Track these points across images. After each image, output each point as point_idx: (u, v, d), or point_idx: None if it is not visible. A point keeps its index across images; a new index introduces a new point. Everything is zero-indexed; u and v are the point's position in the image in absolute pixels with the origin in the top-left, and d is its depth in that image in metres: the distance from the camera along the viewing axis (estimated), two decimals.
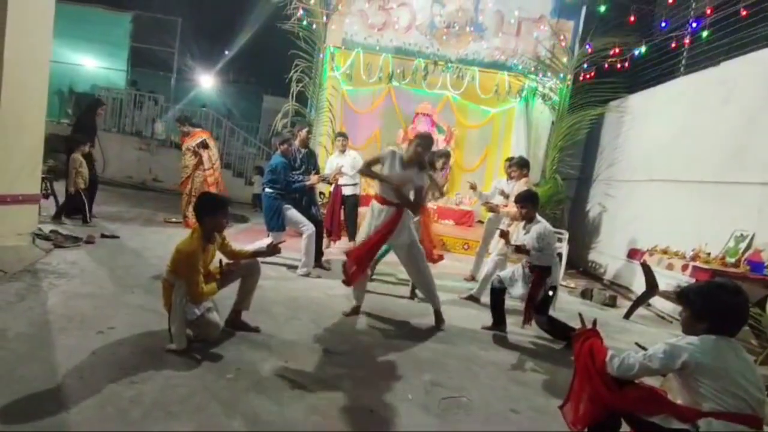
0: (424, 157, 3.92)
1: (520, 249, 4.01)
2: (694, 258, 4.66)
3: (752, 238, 4.63)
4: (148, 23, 12.88)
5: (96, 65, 13.79)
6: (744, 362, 1.90)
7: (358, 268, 3.78)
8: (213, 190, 7.04)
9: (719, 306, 1.95)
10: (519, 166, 5.56)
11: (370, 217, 3.94)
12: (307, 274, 5.04)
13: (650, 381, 2.25)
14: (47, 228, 5.13)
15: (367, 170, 4.05)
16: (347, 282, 3.85)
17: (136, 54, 13.30)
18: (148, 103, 11.79)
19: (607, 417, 2.05)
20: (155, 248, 5.25)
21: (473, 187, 5.81)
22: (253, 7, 13.26)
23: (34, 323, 2.99)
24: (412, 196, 3.89)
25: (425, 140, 3.91)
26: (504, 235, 4.25)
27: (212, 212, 2.95)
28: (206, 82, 18.31)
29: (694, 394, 1.90)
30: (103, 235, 5.47)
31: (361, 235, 3.98)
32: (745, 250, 4.60)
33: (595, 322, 2.36)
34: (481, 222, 8.37)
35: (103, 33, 12.75)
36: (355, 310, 4.04)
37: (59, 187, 6.29)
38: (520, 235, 4.12)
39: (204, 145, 7.02)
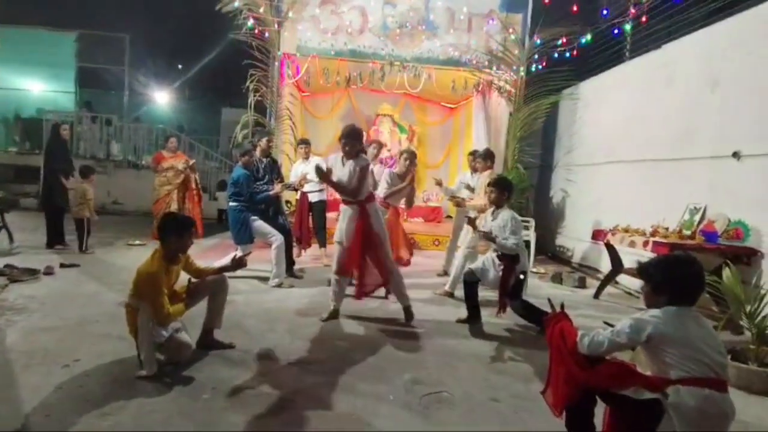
0: (353, 148, 3.94)
1: (487, 236, 4.08)
2: (653, 234, 4.85)
3: (705, 210, 4.85)
4: (95, 41, 12.46)
5: (42, 88, 13.25)
6: (704, 329, 1.98)
7: (350, 269, 4.02)
8: (197, 207, 7.15)
9: (676, 277, 2.03)
10: (483, 158, 5.64)
11: (340, 220, 4.07)
12: (280, 285, 4.98)
13: (620, 356, 2.33)
14: (0, 263, 4.89)
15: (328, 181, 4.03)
16: (359, 295, 4.07)
17: (85, 74, 12.84)
18: (101, 123, 11.38)
19: (582, 396, 2.10)
20: (118, 273, 5.08)
21: (439, 183, 5.87)
22: (204, 20, 13.01)
23: None
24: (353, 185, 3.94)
25: (348, 135, 3.95)
26: (471, 222, 4.32)
27: (177, 233, 2.89)
28: (162, 98, 17.85)
29: (660, 364, 1.97)
30: (62, 265, 5.24)
31: (336, 236, 4.07)
32: (699, 222, 4.82)
33: (563, 306, 2.42)
34: (449, 217, 8.47)
35: (47, 54, 12.26)
36: (334, 314, 4.03)
37: (11, 218, 6.04)
38: (488, 222, 4.18)
39: (193, 169, 7.32)
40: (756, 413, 2.78)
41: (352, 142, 3.93)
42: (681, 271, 2.04)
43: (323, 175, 3.84)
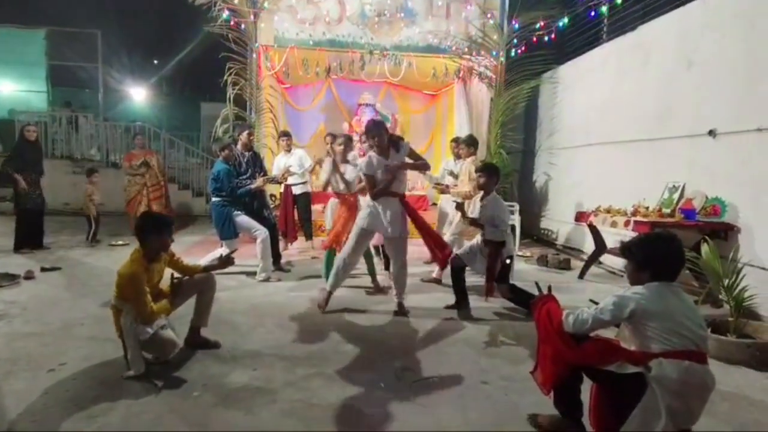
0: (385, 140, 3.90)
1: (474, 222, 4.10)
2: (634, 213, 4.93)
3: (683, 188, 4.95)
4: (65, 38, 12.12)
5: (12, 89, 12.85)
6: (685, 303, 2.03)
7: None
8: (156, 206, 7.32)
9: (658, 254, 2.07)
10: (467, 144, 5.63)
11: (373, 212, 3.96)
12: (267, 279, 4.96)
13: (606, 333, 2.38)
14: None
15: (380, 191, 3.95)
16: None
17: (57, 72, 12.50)
18: (78, 122, 11.08)
19: (570, 373, 2.15)
20: (101, 275, 4.99)
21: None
22: (178, 14, 12.74)
23: None
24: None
25: (373, 129, 3.89)
26: (460, 207, 4.33)
27: (155, 232, 2.86)
28: (138, 95, 17.49)
29: (643, 339, 2.02)
30: (43, 269, 5.14)
31: (365, 224, 3.97)
32: (678, 200, 4.91)
33: (550, 288, 2.46)
34: (435, 205, 8.48)
35: (16, 53, 11.90)
36: (328, 298, 4.05)
37: None
38: (475, 209, 4.20)
39: (146, 164, 7.54)
40: (735, 383, 2.87)
41: (380, 133, 3.86)
42: (662, 248, 2.09)
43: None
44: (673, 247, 2.10)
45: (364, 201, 4.84)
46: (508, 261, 4.06)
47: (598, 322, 2.06)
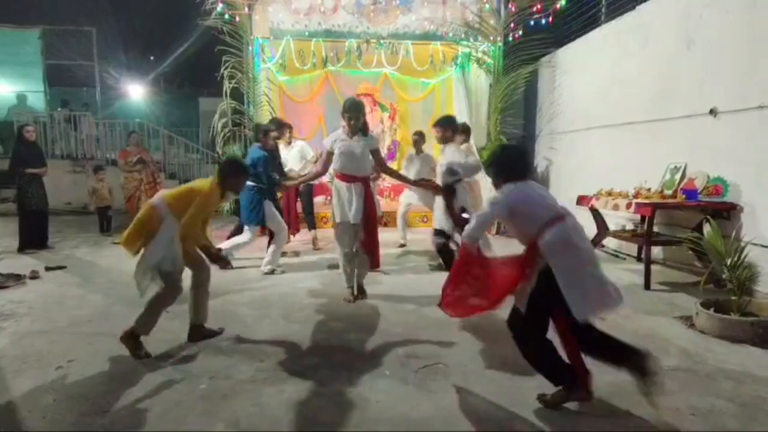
0: (360, 123, 3.90)
1: (461, 220, 4.09)
2: (636, 195, 4.92)
3: (685, 169, 4.92)
4: (60, 37, 12.08)
5: (9, 90, 12.83)
6: (539, 187, 2.43)
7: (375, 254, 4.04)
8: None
9: (507, 161, 2.49)
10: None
11: (338, 197, 3.97)
12: (272, 272, 4.97)
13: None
14: None
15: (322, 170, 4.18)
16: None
17: (53, 71, 12.45)
18: (73, 122, 11.09)
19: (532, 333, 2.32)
20: (106, 273, 5.03)
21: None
22: (172, 8, 12.65)
23: None
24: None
25: (351, 108, 3.87)
26: (447, 200, 4.31)
27: (237, 175, 3.09)
28: (136, 92, 17.42)
29: (523, 225, 2.32)
30: (48, 268, 5.17)
31: (337, 216, 3.98)
32: (680, 181, 4.89)
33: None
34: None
35: (11, 53, 11.86)
36: (355, 292, 4.09)
37: None
38: (442, 163, 4.40)
39: (141, 161, 7.60)
40: (739, 361, 2.89)
41: (357, 114, 3.86)
42: (507, 153, 2.58)
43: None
44: (514, 151, 2.70)
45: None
46: (465, 215, 3.95)
47: (483, 219, 2.40)
